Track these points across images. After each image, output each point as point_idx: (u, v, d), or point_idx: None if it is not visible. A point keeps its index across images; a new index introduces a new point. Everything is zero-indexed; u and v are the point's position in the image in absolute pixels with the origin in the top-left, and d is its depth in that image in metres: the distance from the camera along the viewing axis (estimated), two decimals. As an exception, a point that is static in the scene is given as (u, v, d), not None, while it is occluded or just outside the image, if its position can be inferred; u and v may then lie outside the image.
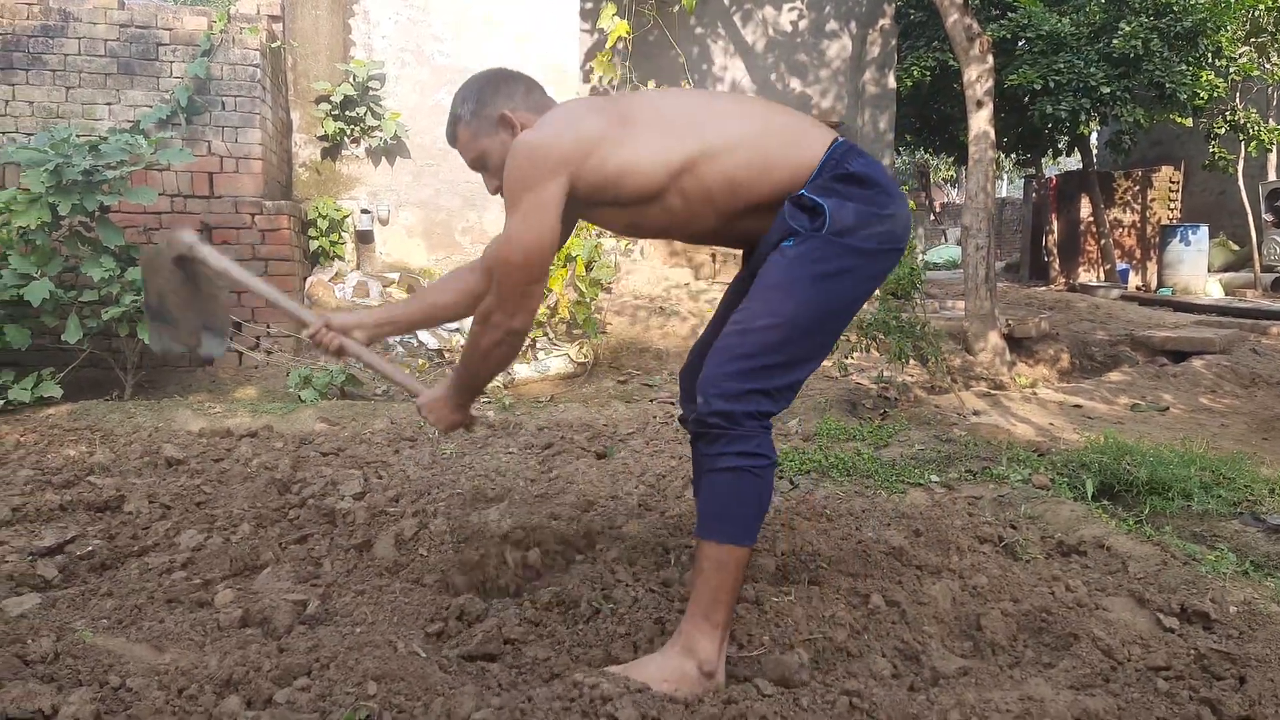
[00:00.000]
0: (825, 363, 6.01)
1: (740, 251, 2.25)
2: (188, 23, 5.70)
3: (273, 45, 6.11)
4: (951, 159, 16.30)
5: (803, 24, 8.70)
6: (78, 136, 4.92)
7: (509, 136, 2.03)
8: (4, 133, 5.47)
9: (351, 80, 7.03)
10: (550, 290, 5.76)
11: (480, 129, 2.07)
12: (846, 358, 5.16)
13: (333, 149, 7.12)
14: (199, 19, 5.73)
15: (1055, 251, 13.79)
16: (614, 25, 6.35)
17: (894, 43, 8.96)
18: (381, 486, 3.38)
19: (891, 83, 8.98)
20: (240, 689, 1.80)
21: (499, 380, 5.42)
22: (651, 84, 6.50)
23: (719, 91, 2.23)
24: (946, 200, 27.18)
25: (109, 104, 5.60)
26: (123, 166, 4.86)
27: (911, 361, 5.10)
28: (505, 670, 1.96)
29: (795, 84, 8.73)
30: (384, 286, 6.81)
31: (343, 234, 6.97)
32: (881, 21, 8.83)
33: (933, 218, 23.32)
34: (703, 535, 1.90)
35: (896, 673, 2.00)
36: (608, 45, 6.46)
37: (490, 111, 2.06)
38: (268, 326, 5.69)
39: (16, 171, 5.18)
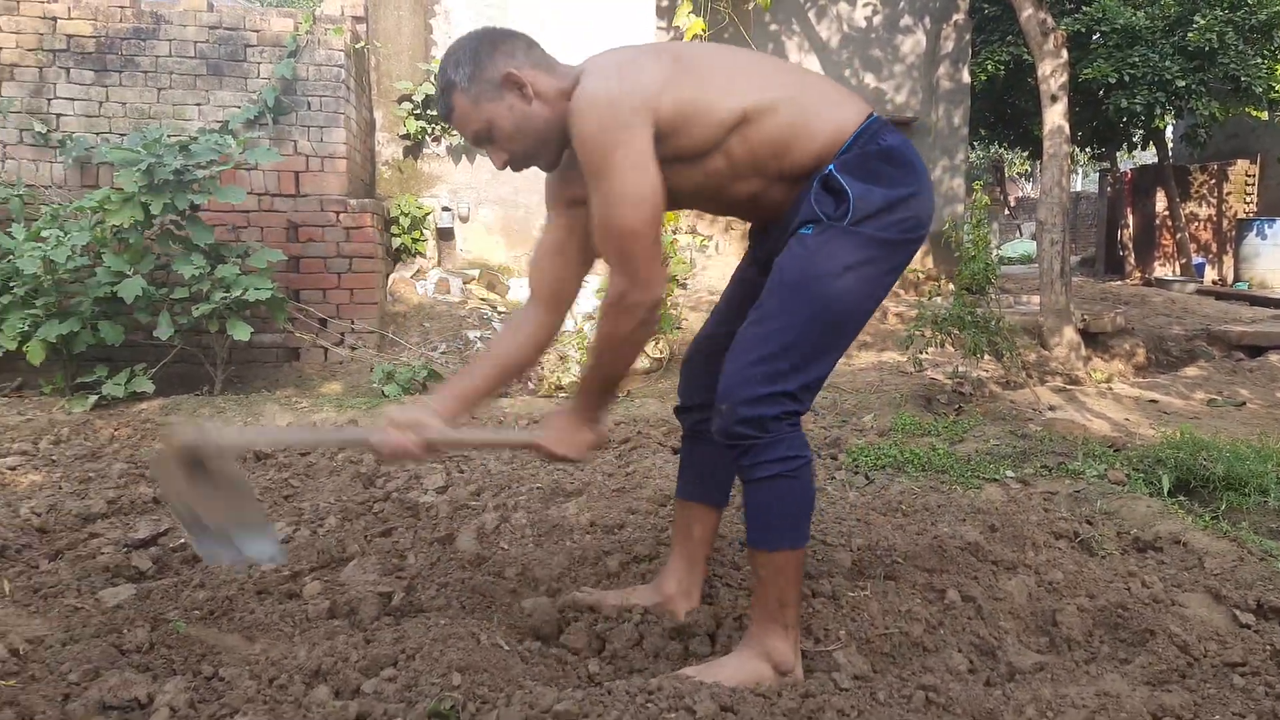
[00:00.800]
0: (899, 358, 5.97)
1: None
2: (274, 24, 5.88)
3: (356, 46, 6.27)
4: (1026, 154, 15.97)
5: (877, 19, 8.61)
6: (169, 137, 5.12)
7: (516, 99, 1.83)
8: (99, 133, 5.71)
9: (433, 79, 7.18)
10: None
11: (482, 94, 1.83)
12: (921, 353, 5.12)
13: (414, 147, 7.28)
14: (285, 21, 5.90)
15: (1130, 246, 13.48)
16: (689, 23, 6.36)
17: (968, 37, 8.82)
18: (463, 481, 3.46)
19: (966, 77, 8.85)
20: (328, 679, 1.84)
21: (576, 375, 5.49)
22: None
23: (755, 51, 2.09)
24: (1021, 195, 26.65)
25: (199, 105, 5.81)
26: (212, 166, 5.05)
27: (986, 357, 5.04)
28: (584, 663, 2.00)
29: (869, 79, 8.66)
30: (464, 283, 6.95)
31: (424, 231, 7.12)
32: (956, 16, 8.70)
33: (1007, 213, 22.86)
34: (755, 546, 1.87)
35: (972, 668, 2.00)
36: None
37: (492, 74, 1.82)
38: (352, 322, 5.85)
39: (111, 171, 5.41)
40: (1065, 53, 6.33)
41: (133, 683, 1.81)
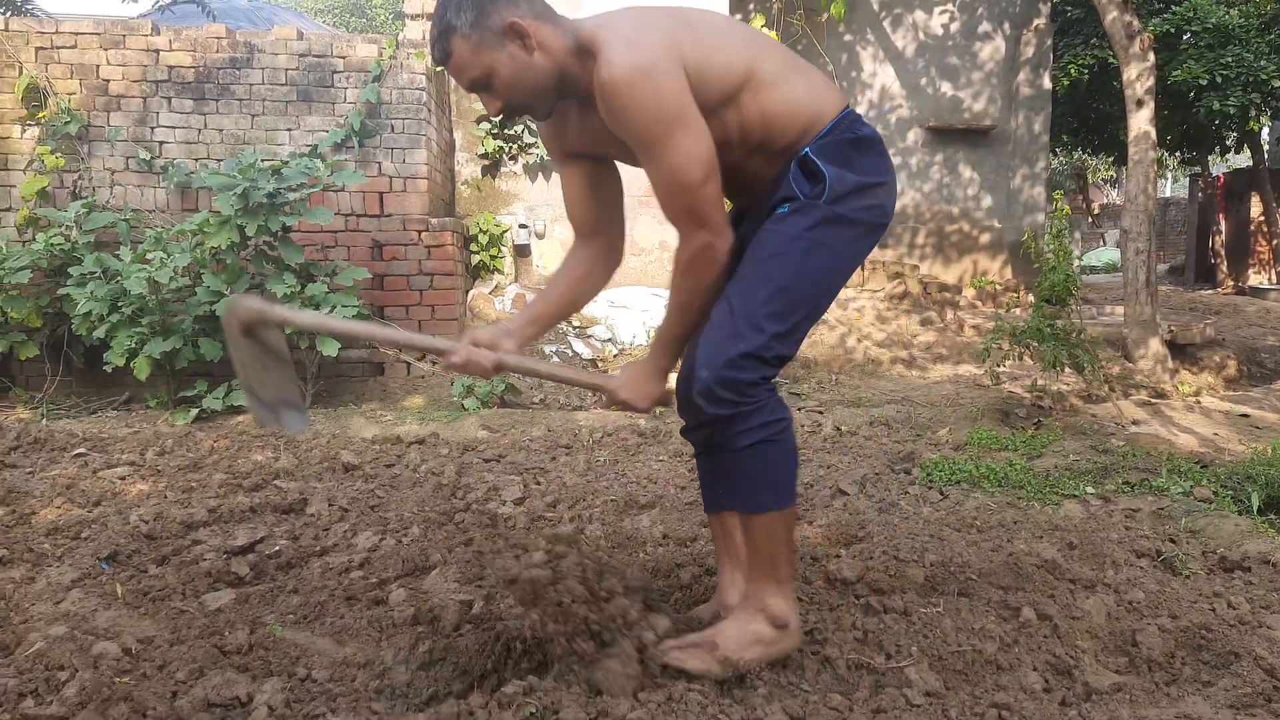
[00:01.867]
0: (976, 370, 5.90)
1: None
2: (360, 50, 6.10)
3: (437, 69, 6.46)
4: (1111, 159, 15.56)
5: (954, 26, 8.52)
6: (262, 162, 5.35)
7: (518, 48, 1.81)
8: (197, 159, 6.00)
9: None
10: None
11: (483, 41, 1.79)
12: (999, 366, 5.06)
13: (492, 166, 7.46)
14: (370, 47, 6.12)
15: (1222, 253, 13.02)
16: (760, 37, 6.43)
17: (1049, 42, 8.67)
18: (540, 492, 3.55)
19: (1047, 83, 8.69)
20: (414, 682, 1.94)
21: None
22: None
23: (745, 24, 2.11)
24: (1106, 201, 25.93)
25: (289, 130, 6.06)
26: (302, 189, 5.27)
27: (1067, 369, 4.95)
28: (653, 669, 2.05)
29: (946, 87, 8.57)
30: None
31: (502, 248, 7.29)
32: (1037, 21, 8.56)
33: (1090, 220, 22.26)
34: (745, 510, 1.96)
35: (1048, 687, 1.99)
36: (753, 57, 6.54)
37: (495, 21, 1.78)
38: (433, 339, 6.02)
39: (209, 195, 5.67)
40: (1152, 56, 6.19)
41: (234, 682, 1.92)
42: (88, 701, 1.84)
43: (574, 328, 6.75)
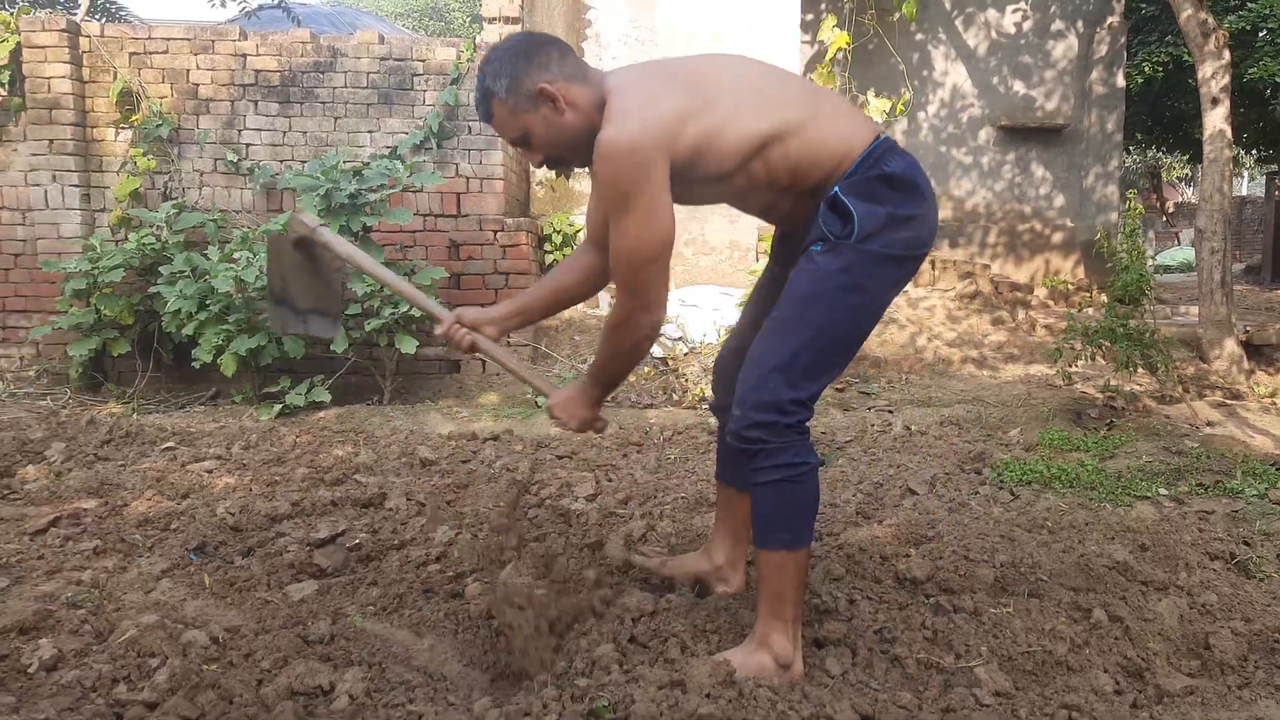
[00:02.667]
0: (1047, 370, 5.82)
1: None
2: (439, 54, 6.23)
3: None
4: (1186, 157, 15.12)
5: (1027, 25, 8.39)
6: (344, 163, 5.51)
7: (550, 110, 1.96)
8: (282, 161, 6.19)
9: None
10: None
11: (519, 105, 1.96)
12: (1071, 366, 4.99)
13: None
14: (449, 50, 6.24)
15: (1301, 252, 12.55)
16: (834, 36, 6.39)
17: (1123, 40, 8.47)
18: (611, 489, 3.60)
19: (1120, 81, 8.49)
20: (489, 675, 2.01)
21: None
22: (870, 93, 6.50)
23: (772, 66, 2.16)
24: (1181, 200, 25.17)
25: (370, 132, 6.22)
26: (382, 190, 5.41)
27: (1140, 370, 4.87)
28: (725, 667, 2.08)
29: (1018, 86, 8.44)
30: (611, 297, 7.16)
31: (574, 247, 7.36)
32: (1110, 19, 8.38)
33: (1165, 219, 21.60)
34: (758, 544, 2.00)
35: (1119, 689, 1.99)
36: (828, 57, 6.51)
37: (527, 87, 1.94)
38: (508, 339, 6.14)
39: (293, 196, 5.86)
40: (1227, 54, 6.04)
41: (317, 671, 1.99)
42: (177, 688, 1.92)
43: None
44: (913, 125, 8.40)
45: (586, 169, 2.04)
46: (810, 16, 7.76)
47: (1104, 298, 5.34)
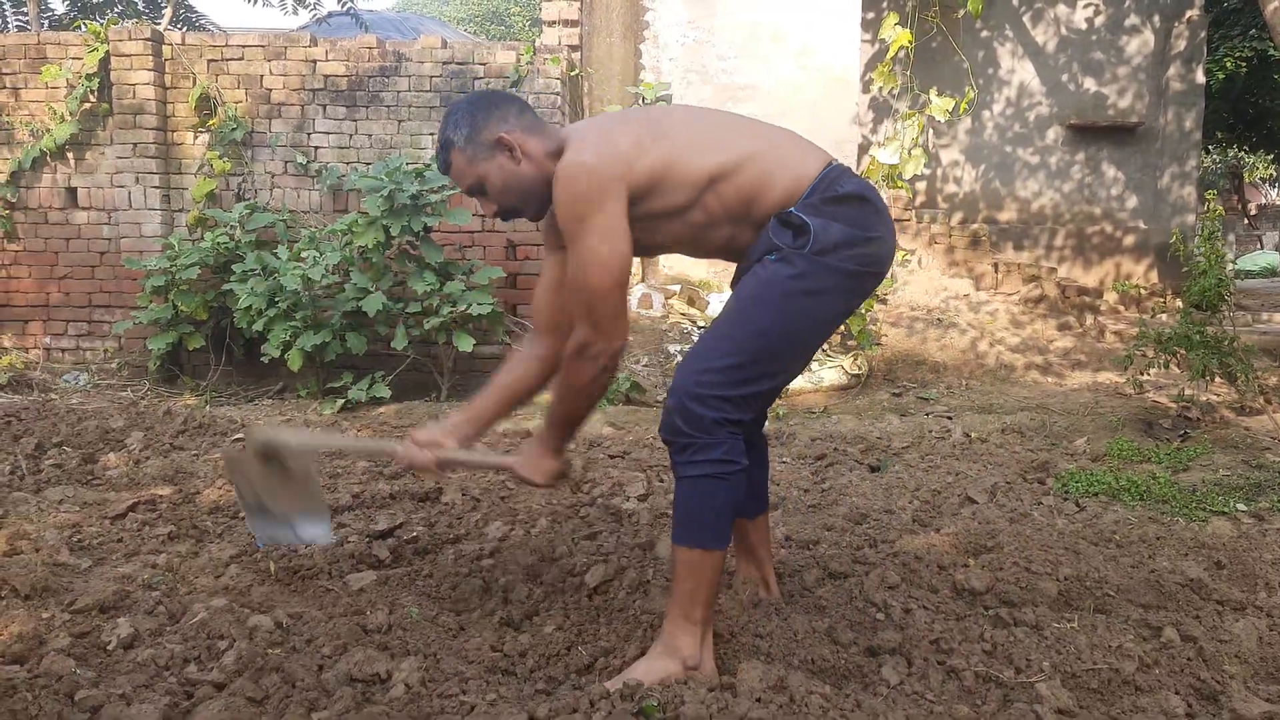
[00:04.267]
0: (1117, 378, 5.67)
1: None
2: (500, 57, 6.31)
3: (571, 73, 6.62)
4: (1270, 156, 14.62)
5: (1099, 20, 8.18)
6: (407, 165, 5.61)
7: (506, 159, 2.01)
8: (348, 163, 6.32)
9: (640, 101, 7.45)
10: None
11: (477, 154, 2.02)
12: (1142, 374, 4.86)
13: (621, 168, 7.56)
14: (509, 53, 6.31)
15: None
16: (896, 35, 6.30)
17: (1203, 34, 8.21)
18: (663, 489, 3.59)
19: (1200, 78, 8.23)
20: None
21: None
22: (933, 91, 6.41)
23: (725, 112, 2.23)
24: (1264, 201, 24.30)
25: (432, 134, 6.30)
26: (443, 190, 5.50)
27: (1217, 379, 4.72)
28: (776, 671, 2.07)
29: (1089, 83, 8.24)
30: (666, 298, 7.17)
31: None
32: (1189, 12, 8.12)
33: (1246, 222, 20.88)
34: (676, 540, 1.97)
35: (1191, 712, 1.92)
36: (889, 55, 6.43)
37: (486, 136, 2.01)
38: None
39: (358, 197, 5.98)
40: (1317, 49, 5.83)
41: (374, 659, 2.02)
42: (244, 670, 1.97)
43: (699, 327, 6.80)
44: (977, 124, 8.26)
45: (538, 223, 2.08)
46: (871, 15, 7.68)
47: (1179, 303, 5.20)
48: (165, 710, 1.79)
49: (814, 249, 1.91)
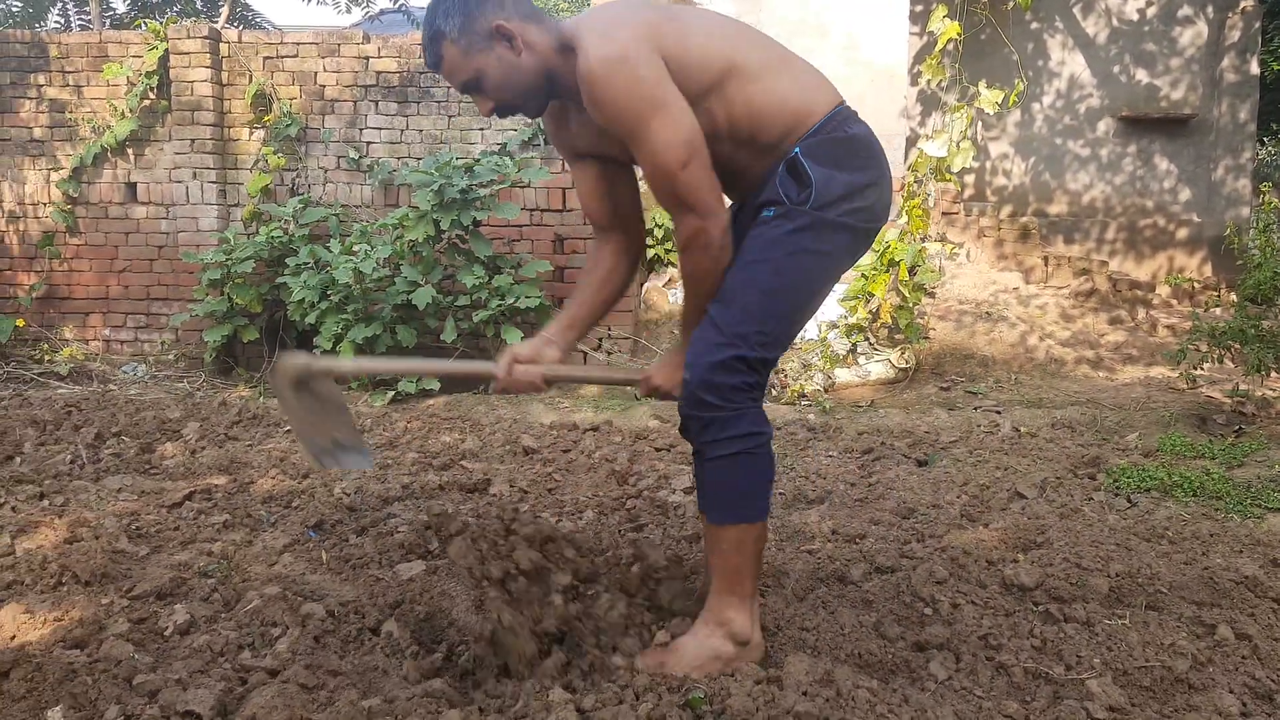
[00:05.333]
0: (1169, 373, 5.58)
1: None
2: (546, 54, 6.35)
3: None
4: (1328, 149, 14.22)
5: (1151, 11, 8.02)
6: (456, 160, 5.67)
7: (506, 50, 1.86)
8: (399, 158, 6.41)
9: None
10: (872, 295, 5.80)
11: (472, 44, 1.84)
12: (1195, 368, 4.77)
13: (666, 161, 7.57)
14: (557, 49, 6.36)
15: None
16: (944, 27, 6.23)
17: (1258, 24, 8.01)
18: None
19: (1254, 68, 8.04)
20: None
21: (819, 384, 5.55)
22: (982, 84, 6.33)
23: (738, 20, 2.07)
24: (1326, 193, 23.61)
25: (481, 129, 6.37)
26: (492, 185, 5.55)
27: (1273, 374, 4.61)
28: (823, 665, 2.08)
29: (1141, 75, 8.08)
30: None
31: (670, 243, 7.41)
32: (1243, 3, 7.93)
33: (1307, 212, 20.32)
34: (715, 521, 1.92)
35: (1245, 711, 1.90)
36: (937, 48, 6.36)
37: (482, 25, 1.83)
38: (608, 329, 6.21)
39: (409, 192, 6.05)
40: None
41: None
42: (296, 657, 2.03)
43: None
44: (1026, 117, 8.14)
45: (538, 119, 1.92)
46: (920, 8, 7.60)
47: (1233, 297, 5.09)
48: (220, 695, 1.84)
49: (815, 204, 1.86)
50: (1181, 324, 6.44)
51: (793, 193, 1.87)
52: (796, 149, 1.88)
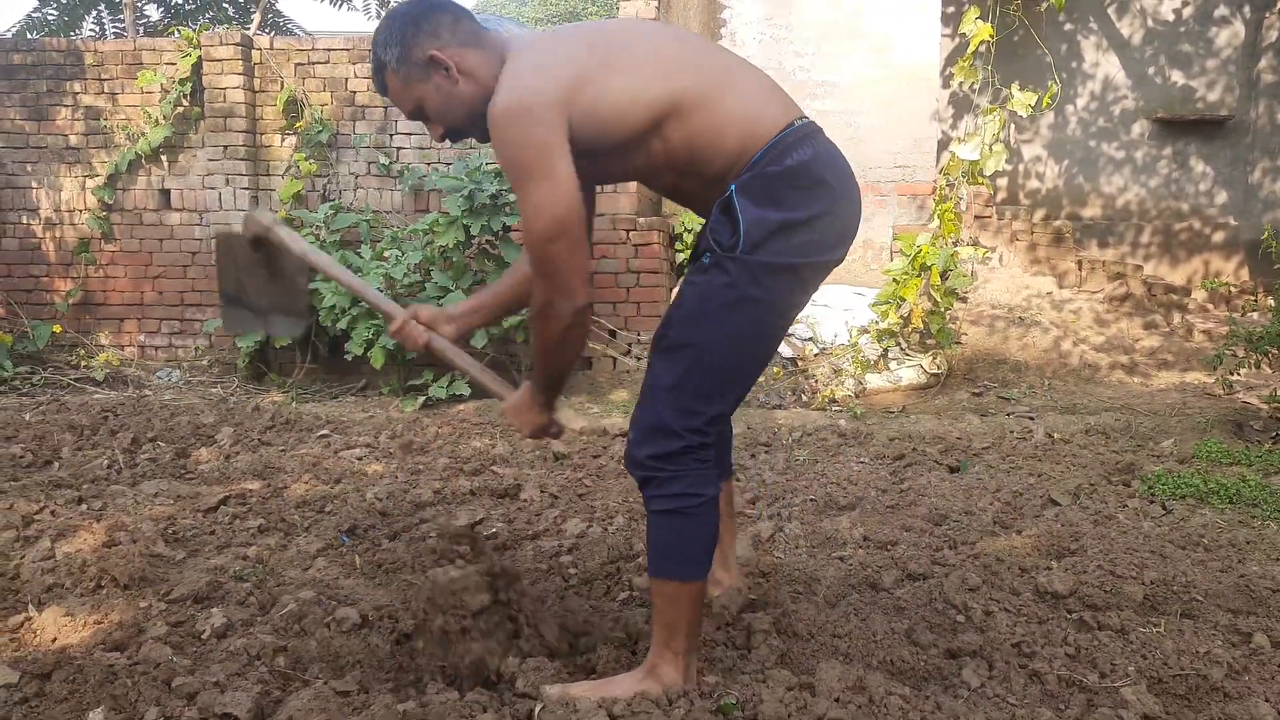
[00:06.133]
0: (1205, 379, 5.50)
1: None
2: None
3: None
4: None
5: (1187, 11, 7.92)
6: (486, 165, 5.70)
7: (443, 79, 1.85)
8: (429, 164, 6.45)
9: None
10: (904, 299, 5.77)
11: (410, 74, 1.86)
12: (1232, 374, 4.70)
13: (696, 166, 7.58)
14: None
15: None
16: (976, 29, 6.20)
17: (1297, 24, 7.90)
18: (739, 489, 3.62)
19: (1294, 68, 7.93)
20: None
21: (850, 389, 5.54)
22: (1015, 86, 6.29)
23: (696, 36, 2.01)
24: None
25: (508, 137, 6.41)
26: (522, 192, 5.57)
27: (1316, 381, 4.55)
28: (855, 672, 2.08)
29: (1177, 76, 7.98)
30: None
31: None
32: (1283, 0, 7.83)
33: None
34: (652, 574, 1.90)
35: (1281, 720, 1.89)
36: (969, 50, 6.33)
37: (418, 54, 1.84)
38: (638, 334, 6.22)
39: (439, 197, 6.09)
40: None
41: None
42: (331, 660, 2.06)
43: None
44: (1060, 119, 8.07)
45: (488, 143, 1.90)
46: (951, 9, 7.55)
47: (1270, 301, 5.01)
48: (258, 699, 1.86)
49: (745, 248, 1.77)
50: (1218, 329, 6.35)
51: (724, 238, 1.80)
52: (732, 187, 1.81)
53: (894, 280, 5.75)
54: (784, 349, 6.42)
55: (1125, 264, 7.26)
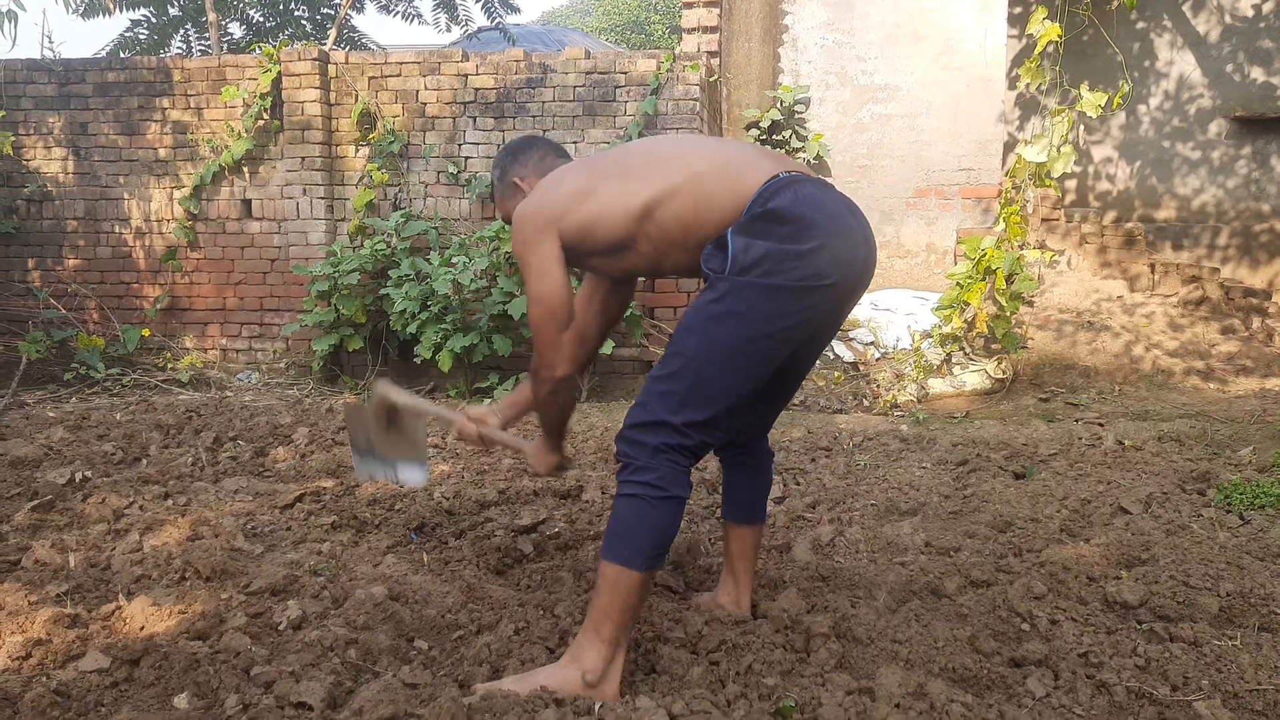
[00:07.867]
0: (1289, 387, 5.34)
1: None
2: (640, 65, 6.42)
3: (710, 79, 6.68)
4: None
5: (1267, 6, 7.67)
6: (550, 173, 5.78)
7: (523, 198, 2.30)
8: (493, 172, 6.56)
9: (779, 105, 7.47)
10: (968, 304, 5.70)
11: (505, 193, 2.38)
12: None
13: (757, 171, 7.58)
14: (649, 61, 6.42)
15: None
16: (1044, 29, 6.09)
17: (1390, 15, 7.59)
18: (799, 492, 3.62)
19: (1387, 61, 7.63)
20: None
21: (912, 394, 5.49)
22: (1084, 86, 6.17)
23: (686, 135, 2.52)
24: None
25: (575, 142, 6.48)
26: (585, 199, 5.64)
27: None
28: (915, 678, 2.06)
29: (1257, 74, 7.74)
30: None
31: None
32: (1374, -9, 7.54)
33: None
34: (603, 553, 1.99)
35: (1360, 737, 1.85)
36: (1036, 50, 6.22)
37: (509, 178, 2.36)
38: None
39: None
40: None
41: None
42: (400, 654, 2.13)
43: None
44: (1131, 119, 7.88)
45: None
46: (1019, 10, 7.44)
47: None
48: (330, 688, 1.92)
49: (733, 270, 1.96)
50: (1300, 333, 6.15)
51: (715, 264, 2.01)
52: (728, 230, 2.01)
53: (958, 284, 5.68)
54: (845, 353, 6.39)
55: (1201, 267, 7.06)
